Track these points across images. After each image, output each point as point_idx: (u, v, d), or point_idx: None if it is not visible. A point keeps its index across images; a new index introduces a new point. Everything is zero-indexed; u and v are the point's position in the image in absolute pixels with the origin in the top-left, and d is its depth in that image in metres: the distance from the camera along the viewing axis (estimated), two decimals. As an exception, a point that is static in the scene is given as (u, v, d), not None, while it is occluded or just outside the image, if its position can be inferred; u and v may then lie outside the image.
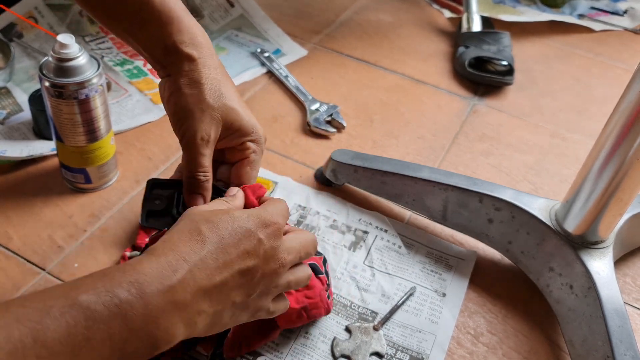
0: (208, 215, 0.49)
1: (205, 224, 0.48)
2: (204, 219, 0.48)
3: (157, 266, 0.43)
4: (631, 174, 0.61)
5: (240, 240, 0.48)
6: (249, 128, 0.58)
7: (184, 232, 0.47)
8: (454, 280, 0.73)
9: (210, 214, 0.49)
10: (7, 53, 0.94)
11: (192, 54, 0.55)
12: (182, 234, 0.47)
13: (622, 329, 0.61)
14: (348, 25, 1.22)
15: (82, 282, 0.42)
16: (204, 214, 0.49)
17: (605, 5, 1.39)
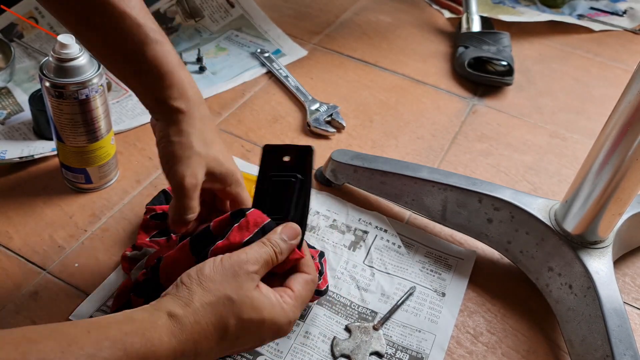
0: (246, 308, 0.49)
1: (236, 322, 0.48)
2: (239, 314, 0.48)
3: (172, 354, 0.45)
4: (630, 173, 0.61)
5: (249, 341, 0.51)
6: (230, 175, 0.61)
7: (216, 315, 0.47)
8: (453, 279, 0.74)
9: (249, 308, 0.49)
10: (8, 53, 0.94)
11: (181, 107, 0.57)
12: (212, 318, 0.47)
13: (622, 328, 0.61)
14: (348, 25, 1.23)
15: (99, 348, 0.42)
16: (245, 303, 0.49)
17: (604, 5, 1.39)
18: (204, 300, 0.47)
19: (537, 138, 0.99)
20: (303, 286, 0.54)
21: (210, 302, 0.47)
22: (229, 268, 0.50)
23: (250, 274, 0.50)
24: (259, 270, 0.51)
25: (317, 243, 0.75)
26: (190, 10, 1.11)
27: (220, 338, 0.48)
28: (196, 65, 1.04)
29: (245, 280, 0.50)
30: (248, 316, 0.49)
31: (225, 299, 0.48)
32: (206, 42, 1.10)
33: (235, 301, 0.48)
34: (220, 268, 0.50)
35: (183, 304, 0.47)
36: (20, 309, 0.65)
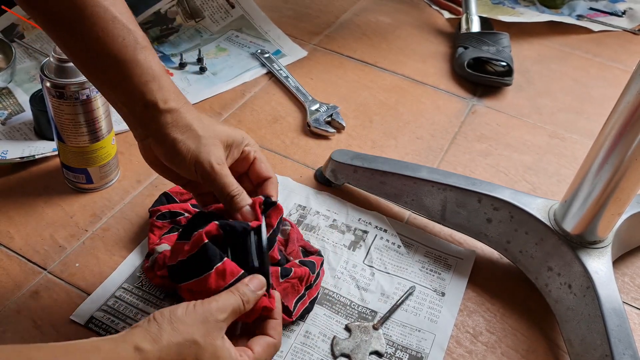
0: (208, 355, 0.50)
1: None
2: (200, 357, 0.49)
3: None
4: (629, 173, 0.61)
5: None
6: (238, 136, 0.62)
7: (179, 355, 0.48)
8: (453, 279, 0.74)
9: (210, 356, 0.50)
10: (9, 54, 0.94)
11: (173, 107, 0.57)
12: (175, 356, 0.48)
13: (621, 328, 0.62)
14: (347, 26, 1.23)
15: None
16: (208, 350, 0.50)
17: (604, 6, 1.40)
18: (172, 339, 0.48)
19: (537, 138, 0.99)
20: (264, 349, 0.55)
21: (177, 343, 0.49)
22: (200, 314, 0.51)
23: (218, 322, 0.52)
24: (226, 319, 0.53)
25: (317, 243, 0.75)
26: (190, 11, 1.11)
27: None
28: (197, 65, 1.04)
29: (213, 328, 0.51)
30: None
31: (192, 341, 0.49)
32: (206, 42, 1.10)
33: (200, 346, 0.50)
34: (193, 312, 0.51)
35: (151, 339, 0.48)
36: (20, 308, 0.65)
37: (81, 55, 0.58)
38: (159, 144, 0.58)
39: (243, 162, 0.63)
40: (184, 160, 0.57)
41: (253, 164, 0.63)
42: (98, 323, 0.64)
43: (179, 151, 0.57)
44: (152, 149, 0.59)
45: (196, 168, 0.58)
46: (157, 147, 0.58)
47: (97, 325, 0.63)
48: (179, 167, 0.59)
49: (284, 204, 0.80)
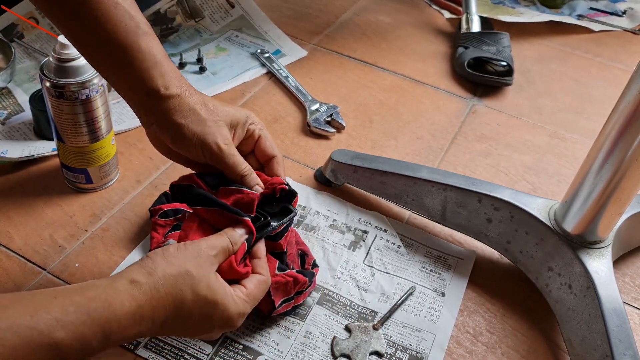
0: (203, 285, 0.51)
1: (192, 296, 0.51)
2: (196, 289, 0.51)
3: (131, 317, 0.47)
4: (630, 173, 0.61)
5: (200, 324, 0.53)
6: (242, 116, 0.63)
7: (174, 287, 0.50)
8: (453, 279, 0.74)
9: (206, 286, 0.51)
10: (8, 53, 0.94)
11: (174, 92, 0.59)
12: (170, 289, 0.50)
13: (621, 328, 0.61)
14: (347, 26, 1.23)
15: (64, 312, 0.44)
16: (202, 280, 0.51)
17: (604, 5, 1.39)
18: (166, 271, 0.50)
19: (537, 138, 0.99)
20: (256, 285, 0.57)
21: (171, 274, 0.50)
22: (191, 250, 0.53)
23: (210, 257, 0.54)
24: (217, 255, 0.54)
25: (317, 243, 0.75)
26: (190, 11, 1.11)
27: (176, 311, 0.50)
28: (196, 65, 1.04)
29: (205, 261, 0.53)
30: (204, 293, 0.51)
31: (185, 272, 0.51)
32: (206, 42, 1.10)
33: (194, 276, 0.51)
34: (184, 249, 0.53)
35: (146, 272, 0.50)
36: (20, 308, 0.65)
37: (84, 41, 0.59)
38: (164, 130, 0.60)
39: (248, 140, 0.65)
40: (190, 143, 0.59)
41: (258, 142, 0.64)
42: (98, 323, 0.64)
43: (184, 135, 0.59)
44: (158, 135, 0.61)
45: (203, 150, 0.59)
46: (163, 133, 0.60)
47: (97, 326, 0.63)
48: (187, 151, 0.60)
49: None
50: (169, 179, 0.80)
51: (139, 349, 0.62)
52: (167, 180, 0.62)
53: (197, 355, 0.62)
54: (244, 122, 0.63)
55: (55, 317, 0.44)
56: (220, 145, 0.59)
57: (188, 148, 0.60)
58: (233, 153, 0.60)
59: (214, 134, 0.59)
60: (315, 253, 0.74)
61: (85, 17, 0.56)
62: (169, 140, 0.60)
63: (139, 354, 0.62)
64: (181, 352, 0.62)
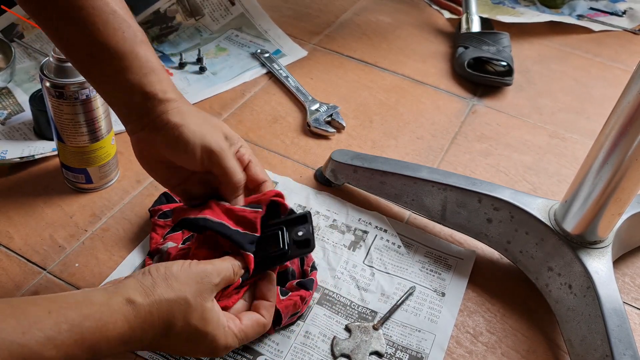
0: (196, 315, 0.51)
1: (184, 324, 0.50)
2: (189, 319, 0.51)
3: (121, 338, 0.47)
4: (630, 173, 0.61)
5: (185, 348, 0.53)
6: (235, 135, 0.62)
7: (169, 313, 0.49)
8: (453, 279, 0.74)
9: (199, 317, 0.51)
10: (8, 53, 0.94)
11: (171, 97, 0.58)
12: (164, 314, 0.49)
13: (621, 328, 0.62)
14: (348, 26, 1.23)
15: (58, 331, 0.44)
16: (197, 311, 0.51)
17: (604, 5, 1.39)
18: (164, 295, 0.50)
19: (537, 138, 0.99)
20: (252, 323, 0.56)
21: (168, 299, 0.50)
22: (195, 273, 0.52)
23: (211, 285, 0.53)
24: (219, 284, 0.54)
25: (317, 243, 0.75)
26: (190, 9, 1.11)
27: (165, 334, 0.50)
28: (196, 65, 1.04)
29: (206, 289, 0.52)
30: (195, 324, 0.51)
31: (183, 299, 0.50)
32: (206, 42, 1.10)
33: (190, 305, 0.51)
34: (188, 270, 0.52)
35: (144, 292, 0.49)
36: (20, 308, 0.65)
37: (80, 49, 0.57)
38: (158, 131, 0.57)
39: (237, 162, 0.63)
40: (188, 143, 0.57)
41: (248, 167, 0.62)
42: (98, 323, 0.63)
43: (181, 134, 0.57)
44: (146, 142, 0.58)
45: (202, 150, 0.57)
46: (156, 135, 0.57)
47: (97, 326, 0.63)
48: (182, 152, 0.57)
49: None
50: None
51: (139, 349, 0.62)
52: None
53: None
54: (235, 141, 0.61)
55: (47, 336, 0.43)
56: (222, 145, 0.58)
57: (185, 149, 0.57)
58: (231, 157, 0.59)
59: (213, 135, 0.58)
60: (315, 253, 0.74)
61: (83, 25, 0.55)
62: (163, 143, 0.58)
63: (139, 354, 0.62)
64: (181, 352, 0.62)
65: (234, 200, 0.60)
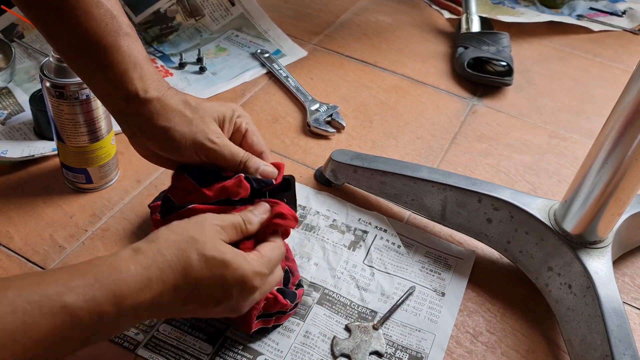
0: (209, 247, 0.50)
1: (199, 257, 0.49)
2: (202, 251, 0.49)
3: (140, 280, 0.46)
4: (630, 173, 0.61)
5: (215, 289, 0.51)
6: (228, 110, 0.61)
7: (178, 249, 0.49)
8: (453, 279, 0.74)
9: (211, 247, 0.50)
10: (8, 53, 0.94)
11: (154, 96, 0.57)
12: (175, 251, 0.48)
13: (621, 328, 0.62)
14: (347, 26, 1.23)
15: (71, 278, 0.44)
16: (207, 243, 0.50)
17: (604, 5, 1.40)
18: (169, 237, 0.49)
19: (537, 138, 0.99)
20: (270, 248, 0.55)
21: (174, 240, 0.49)
22: (195, 219, 0.52)
23: (214, 226, 0.52)
24: (224, 227, 0.52)
25: (317, 243, 0.75)
26: (190, 9, 1.11)
27: (185, 272, 0.48)
28: (196, 65, 1.04)
29: (209, 229, 0.51)
30: (210, 253, 0.49)
31: (188, 237, 0.50)
32: (206, 42, 1.10)
33: (197, 240, 0.50)
34: (187, 220, 0.52)
35: (148, 240, 0.49)
36: (20, 308, 0.65)
37: (64, 40, 0.57)
38: (149, 136, 0.57)
39: (236, 134, 0.62)
40: (180, 145, 0.56)
41: (245, 137, 0.62)
42: (98, 323, 0.64)
43: (172, 138, 0.56)
44: (142, 144, 0.58)
45: (196, 150, 0.57)
46: (149, 140, 0.57)
47: (97, 326, 0.63)
48: (178, 154, 0.58)
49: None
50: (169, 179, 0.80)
51: (139, 349, 0.62)
52: (167, 180, 0.62)
53: (197, 355, 0.62)
54: (230, 115, 0.60)
55: (62, 283, 0.43)
56: (214, 140, 0.57)
57: (179, 151, 0.57)
58: (227, 144, 0.58)
59: (203, 131, 0.57)
60: (315, 253, 0.74)
61: (67, 15, 0.54)
62: (157, 147, 0.58)
63: (139, 354, 0.62)
64: (181, 352, 0.62)
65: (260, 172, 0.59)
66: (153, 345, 0.62)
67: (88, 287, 0.44)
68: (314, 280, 0.71)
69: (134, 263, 0.46)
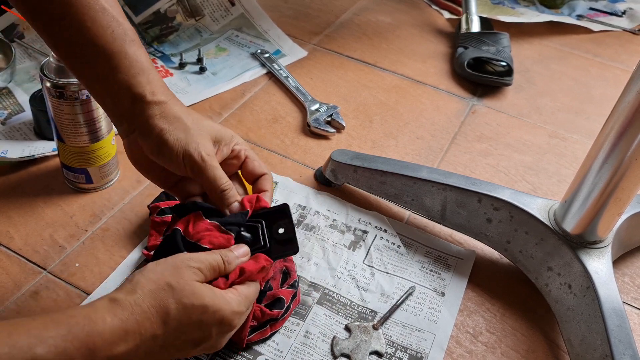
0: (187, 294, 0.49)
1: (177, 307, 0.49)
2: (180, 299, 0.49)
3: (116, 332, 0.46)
4: (629, 173, 0.61)
5: (194, 333, 0.50)
6: (227, 134, 0.61)
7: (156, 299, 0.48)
8: (453, 279, 0.74)
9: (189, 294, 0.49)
10: (9, 54, 0.94)
11: (162, 99, 0.57)
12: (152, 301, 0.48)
13: (621, 328, 0.62)
14: (347, 26, 1.23)
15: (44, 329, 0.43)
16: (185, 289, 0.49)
17: (603, 6, 1.40)
18: (146, 287, 0.48)
19: (537, 138, 0.99)
20: (246, 287, 0.54)
21: (150, 289, 0.48)
22: (170, 262, 0.51)
23: (191, 268, 0.51)
24: (201, 269, 0.52)
25: (317, 243, 0.75)
26: (190, 9, 1.11)
27: (163, 322, 0.48)
28: (196, 65, 1.04)
29: (185, 271, 0.50)
30: (189, 301, 0.49)
31: (165, 285, 0.49)
32: (206, 42, 1.10)
33: (174, 287, 0.49)
34: (163, 262, 0.51)
35: (124, 290, 0.48)
36: (20, 308, 0.65)
37: (69, 46, 0.57)
38: (145, 136, 0.57)
39: (233, 161, 0.62)
40: (172, 150, 0.56)
41: (245, 163, 0.62)
42: (98, 323, 0.64)
43: (166, 141, 0.56)
44: (137, 145, 0.58)
45: (184, 159, 0.56)
46: (144, 140, 0.57)
47: (97, 325, 0.63)
48: (167, 160, 0.57)
49: (284, 204, 0.80)
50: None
51: (139, 349, 0.62)
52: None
53: (197, 355, 0.62)
54: (228, 140, 0.60)
55: (35, 334, 0.42)
56: (203, 156, 0.56)
57: (169, 156, 0.56)
58: (215, 165, 0.57)
59: (197, 143, 0.56)
60: (315, 253, 0.74)
61: (72, 22, 0.54)
62: (149, 148, 0.57)
63: None
64: (181, 352, 0.62)
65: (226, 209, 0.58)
66: (153, 345, 0.62)
67: (60, 338, 0.43)
68: (314, 280, 0.71)
69: (109, 315, 0.46)
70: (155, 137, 0.56)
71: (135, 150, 0.59)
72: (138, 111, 0.56)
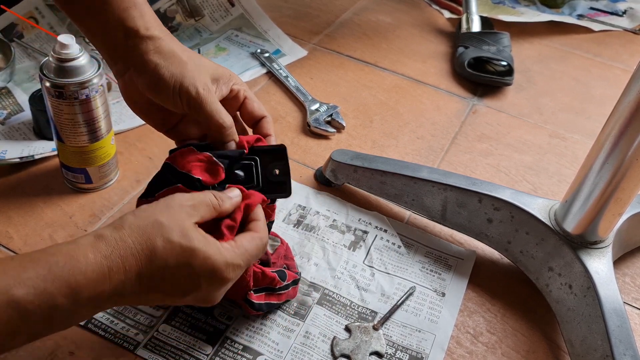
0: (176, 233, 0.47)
1: (164, 244, 0.46)
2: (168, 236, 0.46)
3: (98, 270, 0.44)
4: (630, 173, 0.61)
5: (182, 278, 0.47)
6: (226, 72, 0.59)
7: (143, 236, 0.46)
8: (453, 279, 0.74)
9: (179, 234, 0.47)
10: (8, 53, 0.94)
11: (155, 34, 0.55)
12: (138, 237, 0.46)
13: (621, 328, 0.61)
14: (348, 26, 1.23)
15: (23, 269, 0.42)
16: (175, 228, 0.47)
17: (604, 5, 1.39)
18: (134, 223, 0.46)
19: (537, 138, 0.99)
20: (248, 239, 0.51)
21: (138, 225, 0.46)
22: (163, 202, 0.49)
23: (184, 207, 0.48)
24: (196, 206, 0.49)
25: (317, 243, 0.75)
26: (190, 9, 1.11)
27: (148, 259, 0.45)
28: (196, 65, 1.04)
29: (178, 211, 0.48)
30: (177, 240, 0.46)
31: (154, 222, 0.46)
32: (206, 42, 1.10)
33: (164, 225, 0.46)
34: (156, 203, 0.49)
35: (113, 227, 0.46)
36: (20, 308, 0.65)
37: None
38: (140, 72, 0.55)
39: (232, 101, 0.60)
40: (167, 86, 0.54)
41: (245, 104, 0.60)
42: (98, 324, 0.64)
43: (161, 77, 0.54)
44: (133, 84, 0.56)
45: (180, 94, 0.54)
46: (139, 76, 0.55)
47: (97, 326, 0.63)
48: (163, 97, 0.55)
49: (284, 203, 0.79)
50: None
51: (139, 349, 0.62)
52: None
53: (197, 355, 0.62)
54: (227, 78, 0.58)
55: (12, 275, 0.41)
56: (199, 91, 0.54)
57: (165, 93, 0.54)
58: (213, 100, 0.55)
59: (193, 78, 0.54)
60: (315, 253, 0.74)
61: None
62: (144, 85, 0.55)
63: (138, 354, 0.62)
64: (181, 352, 0.62)
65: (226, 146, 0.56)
66: (153, 346, 0.62)
67: (40, 279, 0.41)
68: (314, 280, 0.71)
69: (93, 251, 0.44)
70: (150, 73, 0.54)
71: (131, 90, 0.57)
72: (132, 47, 0.54)
